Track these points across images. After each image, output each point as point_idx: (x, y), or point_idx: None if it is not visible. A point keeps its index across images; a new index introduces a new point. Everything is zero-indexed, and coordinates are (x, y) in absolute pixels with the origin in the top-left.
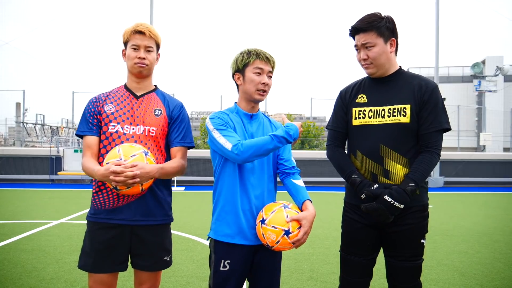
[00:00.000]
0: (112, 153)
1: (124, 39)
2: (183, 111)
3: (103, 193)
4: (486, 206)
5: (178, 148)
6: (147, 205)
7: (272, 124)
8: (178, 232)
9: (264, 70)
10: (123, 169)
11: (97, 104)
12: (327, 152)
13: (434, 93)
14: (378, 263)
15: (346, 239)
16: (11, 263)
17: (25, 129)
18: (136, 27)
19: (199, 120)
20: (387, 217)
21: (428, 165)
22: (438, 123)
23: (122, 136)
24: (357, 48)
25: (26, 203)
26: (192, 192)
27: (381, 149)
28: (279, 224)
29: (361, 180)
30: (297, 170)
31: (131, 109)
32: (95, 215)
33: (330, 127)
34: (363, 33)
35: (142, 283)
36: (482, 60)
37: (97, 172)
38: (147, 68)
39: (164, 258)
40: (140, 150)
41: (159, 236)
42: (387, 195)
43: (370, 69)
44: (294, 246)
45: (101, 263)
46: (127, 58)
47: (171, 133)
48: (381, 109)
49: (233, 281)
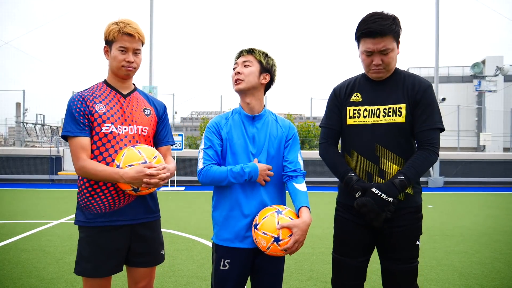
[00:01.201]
0: (131, 155)
1: (109, 37)
2: (166, 111)
3: (100, 197)
4: (486, 206)
5: (167, 147)
6: (146, 203)
7: (278, 123)
8: (178, 232)
9: (238, 63)
10: (158, 172)
11: (86, 103)
12: (320, 150)
13: (427, 92)
14: (377, 263)
15: (339, 239)
16: (11, 263)
17: (25, 129)
18: (124, 28)
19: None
20: (377, 214)
21: (422, 162)
22: (431, 122)
23: (117, 136)
24: (370, 53)
25: (26, 203)
26: (192, 192)
27: (376, 148)
28: (269, 230)
29: (357, 179)
30: (301, 173)
31: (121, 108)
32: (93, 220)
33: (323, 125)
34: (381, 37)
35: (139, 281)
36: (482, 60)
37: (124, 175)
38: (135, 70)
39: (160, 252)
40: (156, 151)
41: (156, 231)
42: (375, 188)
43: (381, 74)
44: (286, 253)
45: (100, 267)
46: (112, 58)
47: (160, 133)
48: (376, 109)
49: (233, 281)
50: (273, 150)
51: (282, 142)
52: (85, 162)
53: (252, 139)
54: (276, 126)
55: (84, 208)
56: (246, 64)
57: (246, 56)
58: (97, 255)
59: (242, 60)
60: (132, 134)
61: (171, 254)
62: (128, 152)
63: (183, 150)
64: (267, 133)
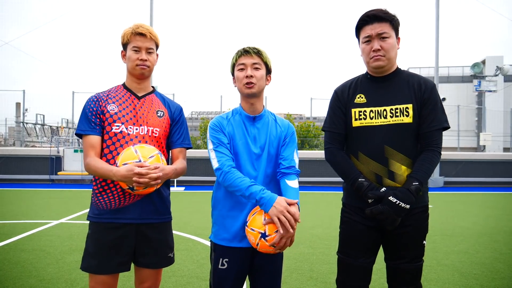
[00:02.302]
0: (128, 154)
1: (124, 40)
2: (182, 113)
3: (107, 193)
4: (486, 206)
5: (180, 149)
6: (153, 204)
7: (277, 123)
8: (178, 232)
9: (246, 64)
10: (148, 171)
11: (99, 103)
12: (326, 155)
13: (434, 92)
14: (378, 263)
15: (346, 240)
16: (11, 263)
17: (25, 129)
18: (137, 29)
19: (199, 120)
20: (394, 220)
21: (430, 164)
22: (438, 122)
23: (126, 136)
24: (369, 39)
25: (26, 203)
26: (192, 192)
27: (385, 150)
28: (256, 227)
29: (368, 184)
30: (294, 171)
31: (134, 109)
32: (99, 216)
33: (327, 128)
34: (378, 22)
35: (144, 281)
36: (482, 60)
37: (116, 172)
38: (149, 69)
39: (168, 255)
40: (155, 151)
41: (163, 233)
42: (392, 196)
43: (380, 61)
44: (276, 249)
45: (105, 264)
46: (127, 59)
47: (173, 135)
48: (383, 109)
49: (231, 279)
50: (273, 150)
51: (281, 141)
52: (89, 159)
53: (253, 139)
54: (275, 126)
55: (93, 203)
56: (256, 66)
57: (254, 57)
58: (102, 252)
59: (250, 61)
60: (142, 135)
61: None
62: (126, 151)
63: None
64: (268, 133)
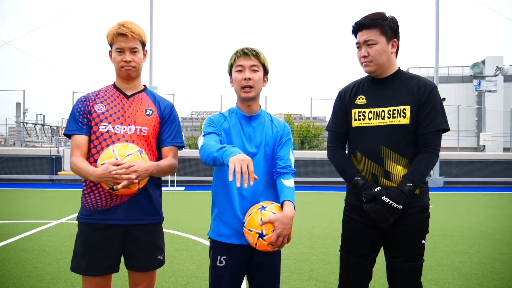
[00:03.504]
0: (106, 153)
1: (108, 41)
2: (173, 111)
3: (95, 194)
4: (486, 206)
5: (169, 148)
6: (140, 205)
7: (273, 123)
8: (178, 232)
9: (244, 66)
10: (124, 170)
11: (87, 103)
12: (328, 153)
13: (433, 94)
14: (378, 263)
15: (346, 238)
16: (11, 263)
17: (25, 129)
18: (118, 29)
19: (199, 120)
20: (387, 219)
21: (426, 165)
22: (436, 124)
23: (113, 136)
24: (359, 46)
25: (26, 203)
26: (192, 192)
27: (381, 150)
28: (253, 227)
29: (363, 182)
30: (290, 170)
31: (122, 108)
32: (87, 216)
33: (330, 128)
34: (366, 29)
35: (137, 284)
36: (482, 60)
37: (94, 173)
38: (135, 69)
39: (157, 257)
40: (134, 149)
41: (152, 235)
42: (385, 196)
43: (369, 67)
44: (274, 248)
45: (94, 265)
46: (113, 60)
47: (163, 133)
48: (381, 111)
49: (229, 277)
50: (269, 149)
51: (277, 141)
52: (73, 158)
53: (249, 138)
54: (271, 126)
55: (82, 204)
56: (254, 69)
57: (252, 59)
58: (90, 252)
59: (249, 64)
60: (130, 134)
61: (171, 254)
62: (105, 150)
63: (183, 150)
64: (263, 133)
